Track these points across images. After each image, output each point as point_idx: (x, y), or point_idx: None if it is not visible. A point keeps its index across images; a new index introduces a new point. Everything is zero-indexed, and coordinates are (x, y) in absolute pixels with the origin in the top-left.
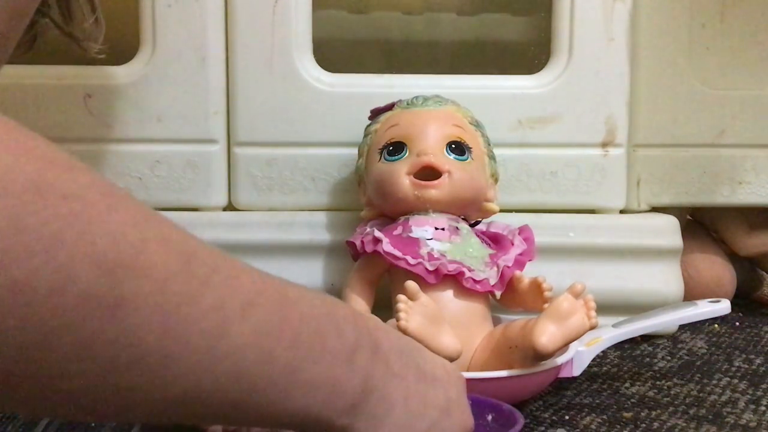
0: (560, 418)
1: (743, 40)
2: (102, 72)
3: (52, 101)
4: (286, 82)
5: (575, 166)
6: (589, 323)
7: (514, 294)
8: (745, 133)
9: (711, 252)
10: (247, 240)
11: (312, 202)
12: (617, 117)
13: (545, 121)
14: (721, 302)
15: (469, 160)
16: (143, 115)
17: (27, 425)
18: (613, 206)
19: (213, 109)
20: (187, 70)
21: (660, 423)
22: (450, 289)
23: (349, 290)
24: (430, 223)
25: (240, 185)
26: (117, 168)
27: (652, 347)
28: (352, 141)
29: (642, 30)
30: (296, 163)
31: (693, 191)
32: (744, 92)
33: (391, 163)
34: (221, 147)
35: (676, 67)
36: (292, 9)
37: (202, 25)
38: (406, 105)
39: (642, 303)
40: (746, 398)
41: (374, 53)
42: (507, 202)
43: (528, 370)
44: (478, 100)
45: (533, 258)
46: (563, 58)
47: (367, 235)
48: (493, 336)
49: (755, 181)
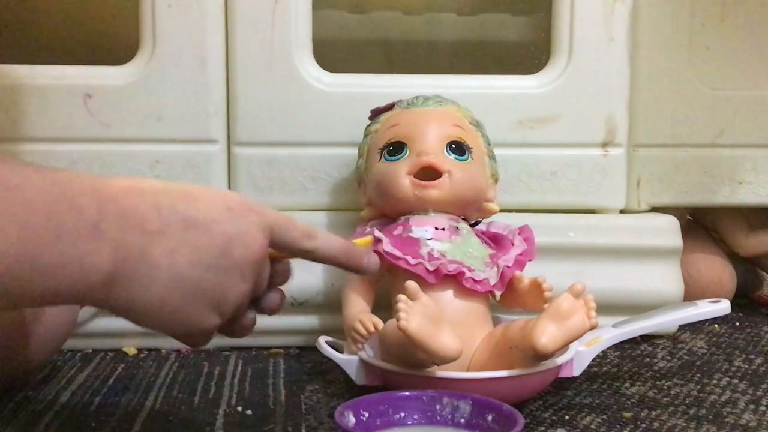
0: (560, 418)
1: (743, 40)
2: (102, 72)
3: (52, 101)
4: (286, 82)
5: (575, 166)
6: (589, 323)
7: (514, 294)
8: (745, 133)
9: (711, 252)
10: None
11: (312, 202)
12: (617, 117)
13: (545, 121)
14: (721, 302)
15: (469, 160)
16: (143, 115)
17: (27, 425)
18: (613, 206)
19: (213, 109)
20: (187, 70)
21: (660, 423)
22: (450, 289)
23: (349, 290)
24: (430, 223)
25: (240, 185)
26: (117, 168)
27: (652, 347)
28: (352, 141)
29: (642, 30)
30: (296, 163)
31: (693, 191)
32: (744, 92)
33: (392, 163)
34: (221, 147)
35: (676, 67)
36: (292, 9)
37: (202, 25)
38: (407, 105)
39: (642, 303)
40: (746, 398)
41: (374, 53)
42: (507, 202)
43: (528, 370)
44: (478, 100)
45: (533, 258)
46: (563, 58)
47: (368, 235)
48: (493, 336)
49: (755, 181)
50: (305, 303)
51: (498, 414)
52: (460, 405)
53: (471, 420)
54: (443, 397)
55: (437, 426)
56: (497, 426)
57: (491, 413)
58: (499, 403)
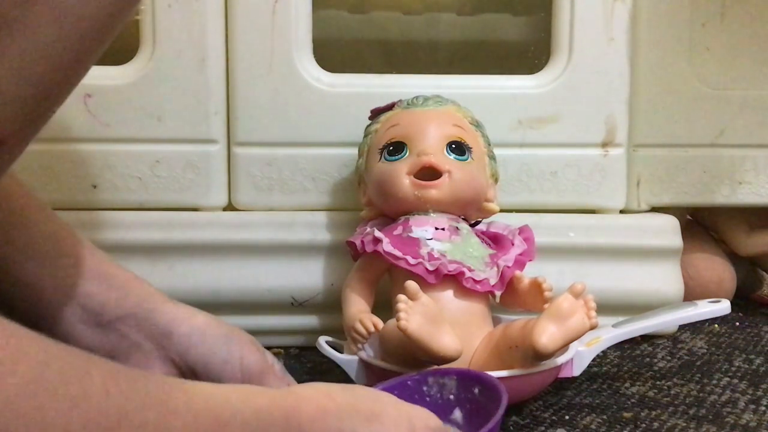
0: (560, 418)
1: (743, 40)
2: (102, 72)
3: None
4: (286, 82)
5: (575, 166)
6: (589, 323)
7: (514, 294)
8: (745, 133)
9: (711, 252)
10: (247, 240)
11: (312, 202)
12: (617, 117)
13: (545, 121)
14: (721, 302)
15: (469, 160)
16: (143, 115)
17: None
18: (613, 206)
19: (213, 109)
20: (187, 70)
21: (660, 423)
22: (450, 289)
23: (349, 290)
24: (431, 223)
25: (240, 185)
26: (117, 168)
27: (652, 347)
28: (352, 141)
29: (642, 30)
30: (296, 163)
31: (693, 191)
32: (744, 92)
33: (392, 163)
34: (221, 147)
35: (676, 67)
36: (292, 9)
37: (202, 25)
38: (407, 105)
39: (642, 303)
40: (746, 398)
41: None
42: (507, 202)
43: (528, 370)
44: (478, 100)
45: (533, 258)
46: (563, 58)
47: (368, 235)
48: (493, 336)
49: (755, 181)
50: (305, 303)
51: (483, 385)
52: (446, 382)
53: (459, 395)
54: (428, 377)
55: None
56: (483, 398)
57: (477, 386)
58: (482, 374)
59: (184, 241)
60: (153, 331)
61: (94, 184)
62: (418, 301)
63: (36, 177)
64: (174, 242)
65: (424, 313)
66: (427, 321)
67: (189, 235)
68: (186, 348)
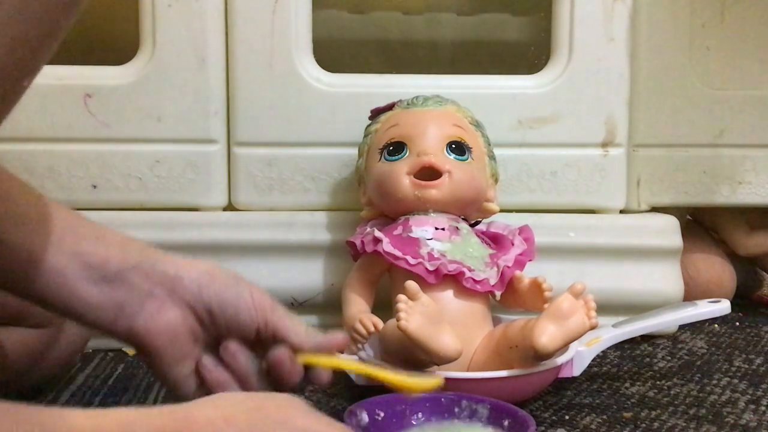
0: (560, 418)
1: (743, 40)
2: (102, 72)
3: (52, 101)
4: (286, 82)
5: (575, 166)
6: (589, 323)
7: (515, 294)
8: (745, 133)
9: (711, 252)
10: (247, 240)
11: (312, 202)
12: (617, 117)
13: (545, 121)
14: (721, 302)
15: (469, 160)
16: (143, 115)
17: None
18: (613, 206)
19: (213, 109)
20: (187, 70)
21: (660, 423)
22: (450, 289)
23: (349, 290)
24: (431, 223)
25: (240, 185)
26: (117, 168)
27: (652, 347)
28: (352, 141)
29: (642, 30)
30: (296, 163)
31: (693, 191)
32: (744, 92)
33: (392, 163)
34: (221, 147)
35: (676, 67)
36: (292, 9)
37: (202, 25)
38: (406, 105)
39: (642, 303)
40: (746, 398)
41: (374, 53)
42: (507, 202)
43: (528, 370)
44: (478, 100)
45: (533, 258)
46: (563, 58)
47: (368, 235)
48: (493, 336)
49: (755, 181)
50: (305, 303)
51: (514, 419)
52: (478, 409)
53: (488, 423)
54: (462, 400)
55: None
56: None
57: (507, 418)
58: (515, 408)
59: (184, 241)
60: (162, 278)
61: (94, 184)
62: (418, 301)
63: (36, 177)
64: (174, 242)
65: (424, 313)
66: (427, 321)
67: (189, 235)
68: (198, 289)
